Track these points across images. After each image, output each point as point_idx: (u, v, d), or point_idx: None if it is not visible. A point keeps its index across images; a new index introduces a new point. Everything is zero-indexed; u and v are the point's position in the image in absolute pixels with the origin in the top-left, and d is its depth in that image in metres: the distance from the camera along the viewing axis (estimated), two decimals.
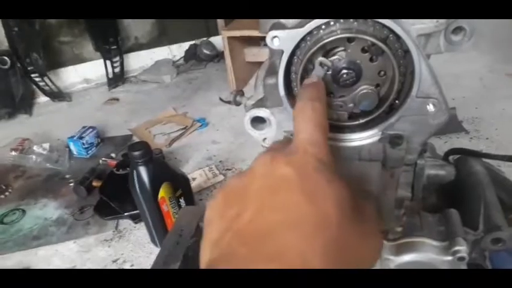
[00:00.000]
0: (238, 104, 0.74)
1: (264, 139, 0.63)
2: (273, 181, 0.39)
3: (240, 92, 0.75)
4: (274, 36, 0.55)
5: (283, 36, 0.55)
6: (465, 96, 2.50)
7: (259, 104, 0.62)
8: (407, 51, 0.54)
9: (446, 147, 1.25)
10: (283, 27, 0.56)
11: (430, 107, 0.57)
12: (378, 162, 0.61)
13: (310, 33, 0.55)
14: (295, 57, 0.57)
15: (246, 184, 0.42)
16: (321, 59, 0.56)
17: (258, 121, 0.62)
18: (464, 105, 2.37)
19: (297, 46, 0.56)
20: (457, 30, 0.56)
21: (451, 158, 0.88)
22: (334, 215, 0.35)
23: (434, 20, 0.54)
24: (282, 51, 0.56)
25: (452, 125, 2.20)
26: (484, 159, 0.87)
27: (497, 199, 0.79)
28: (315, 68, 0.57)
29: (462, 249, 0.64)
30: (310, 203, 0.36)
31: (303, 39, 0.55)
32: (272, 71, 0.59)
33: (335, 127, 0.61)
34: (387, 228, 0.68)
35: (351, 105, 0.59)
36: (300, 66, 0.56)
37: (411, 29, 0.54)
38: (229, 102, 2.89)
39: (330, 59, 0.56)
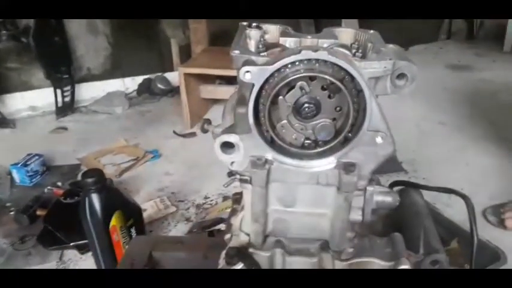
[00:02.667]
0: (205, 131, 0.80)
1: (232, 163, 0.69)
2: None
3: (207, 121, 0.81)
4: (247, 71, 0.62)
5: (255, 72, 0.62)
6: (404, 140, 2.70)
7: (229, 130, 0.68)
8: (360, 91, 0.64)
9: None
10: (254, 63, 0.63)
11: (379, 139, 0.66)
12: (334, 186, 0.69)
13: (278, 70, 0.63)
14: (263, 90, 0.64)
15: None
16: (300, 83, 0.63)
17: (227, 146, 0.68)
18: (403, 148, 2.56)
19: (266, 81, 0.63)
20: (401, 76, 0.67)
21: (394, 189, 0.97)
22: None
23: (383, 65, 0.64)
24: (253, 85, 0.63)
25: (393, 165, 2.37)
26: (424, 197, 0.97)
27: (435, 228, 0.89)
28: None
29: (406, 268, 0.72)
30: None
31: (271, 75, 0.63)
32: (242, 102, 0.66)
33: (297, 155, 0.69)
34: (340, 249, 0.75)
35: (310, 131, 0.67)
36: (268, 99, 0.64)
37: (364, 72, 0.63)
38: (183, 136, 2.91)
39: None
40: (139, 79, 3.80)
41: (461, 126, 2.94)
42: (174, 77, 3.61)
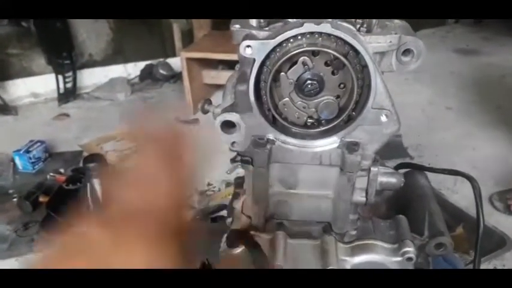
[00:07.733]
0: (205, 111, 0.77)
1: (233, 143, 0.67)
2: None
3: (207, 101, 0.78)
4: (248, 46, 0.59)
5: (256, 46, 0.59)
6: (409, 125, 2.67)
7: (230, 109, 0.66)
8: (364, 67, 0.61)
9: None
10: (255, 38, 0.61)
11: (384, 118, 0.64)
12: (337, 167, 0.67)
13: (279, 45, 0.60)
14: (264, 67, 0.62)
15: None
16: (303, 58, 0.60)
17: (228, 126, 0.66)
18: (408, 134, 2.54)
19: (267, 56, 0.61)
20: (406, 52, 0.64)
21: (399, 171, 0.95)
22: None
23: (388, 40, 0.61)
24: (254, 60, 0.60)
25: (398, 151, 2.34)
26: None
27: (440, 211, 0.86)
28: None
29: (410, 250, 0.70)
30: None
31: (273, 50, 0.60)
32: (243, 79, 0.63)
33: (299, 134, 0.66)
34: (343, 232, 0.73)
35: (313, 109, 0.64)
36: (270, 75, 0.61)
37: (368, 47, 0.61)
38: (185, 122, 2.89)
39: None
40: (142, 65, 3.77)
41: (468, 111, 2.90)
42: (176, 62, 3.58)
